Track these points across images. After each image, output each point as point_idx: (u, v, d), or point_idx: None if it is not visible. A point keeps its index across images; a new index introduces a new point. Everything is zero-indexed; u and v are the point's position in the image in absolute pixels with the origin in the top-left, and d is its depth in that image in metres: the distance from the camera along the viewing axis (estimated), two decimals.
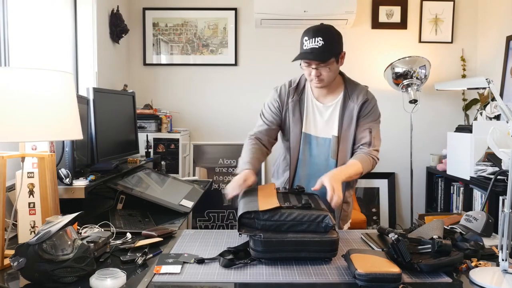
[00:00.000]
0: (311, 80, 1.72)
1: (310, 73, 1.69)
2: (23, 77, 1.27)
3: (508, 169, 1.31)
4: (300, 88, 1.82)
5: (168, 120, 3.31)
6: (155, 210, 2.01)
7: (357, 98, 1.77)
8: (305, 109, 1.80)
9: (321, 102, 1.81)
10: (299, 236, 1.31)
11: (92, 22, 2.84)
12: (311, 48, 1.63)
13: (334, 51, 1.66)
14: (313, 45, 1.63)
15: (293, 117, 1.79)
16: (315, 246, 1.30)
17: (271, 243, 1.29)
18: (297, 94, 1.81)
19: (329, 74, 1.69)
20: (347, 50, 3.61)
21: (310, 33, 1.65)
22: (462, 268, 1.27)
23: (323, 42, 1.62)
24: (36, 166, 1.48)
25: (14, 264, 1.13)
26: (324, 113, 1.80)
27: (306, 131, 1.80)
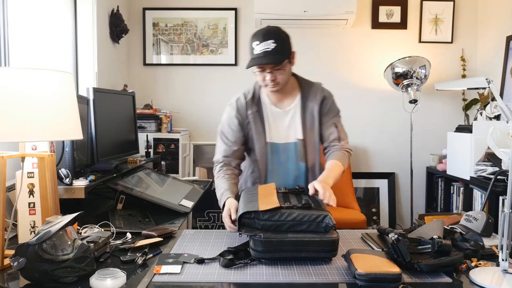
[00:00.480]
0: (266, 85, 1.67)
1: (265, 78, 1.64)
2: (23, 77, 1.27)
3: (508, 169, 1.31)
4: (256, 98, 1.76)
5: (168, 120, 3.31)
6: (155, 210, 2.01)
7: (315, 97, 1.75)
8: (265, 118, 1.75)
9: (279, 108, 1.76)
10: (299, 236, 1.31)
11: (92, 22, 2.84)
12: (264, 52, 1.57)
13: (287, 52, 1.63)
14: (265, 48, 1.57)
15: (256, 129, 1.74)
16: (315, 246, 1.30)
17: (271, 243, 1.29)
18: (254, 105, 1.75)
19: (284, 77, 1.65)
20: (347, 50, 3.65)
21: (259, 36, 1.59)
22: (462, 268, 1.27)
23: (275, 44, 1.58)
24: (36, 166, 1.48)
25: (14, 264, 1.13)
26: (285, 118, 1.76)
27: (271, 140, 1.76)
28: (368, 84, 3.69)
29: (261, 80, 1.67)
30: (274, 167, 1.78)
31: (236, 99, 1.78)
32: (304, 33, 3.64)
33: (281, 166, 1.78)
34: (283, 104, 1.77)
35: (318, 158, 1.78)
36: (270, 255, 1.30)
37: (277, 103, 1.77)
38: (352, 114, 3.68)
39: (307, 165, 1.77)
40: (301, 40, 3.66)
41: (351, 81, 3.68)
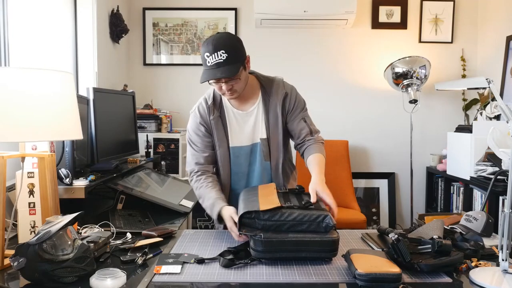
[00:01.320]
0: (223, 94, 1.64)
1: (221, 87, 1.61)
2: (23, 77, 1.27)
3: (508, 169, 1.31)
4: (217, 102, 1.73)
5: (168, 120, 3.31)
6: (155, 210, 2.01)
7: (277, 95, 1.71)
8: (227, 122, 1.72)
9: (241, 110, 1.73)
10: (299, 236, 1.31)
11: (92, 22, 2.84)
12: (216, 64, 1.53)
13: (240, 60, 1.57)
14: (218, 60, 1.52)
15: (218, 134, 1.71)
16: (316, 246, 1.30)
17: (272, 243, 1.29)
18: (216, 110, 1.71)
19: (240, 84, 1.61)
20: (347, 50, 3.65)
21: (210, 47, 1.53)
22: (462, 268, 1.27)
23: (227, 54, 1.51)
24: (36, 166, 1.48)
25: (14, 264, 1.13)
26: (248, 120, 1.73)
27: (233, 145, 1.73)
28: (368, 84, 3.69)
29: (218, 89, 1.64)
30: (240, 169, 1.76)
31: (198, 105, 1.75)
32: (304, 33, 3.64)
33: (246, 168, 1.76)
34: (246, 106, 1.74)
35: (282, 156, 1.75)
36: (271, 255, 1.30)
37: (239, 106, 1.74)
38: (352, 114, 3.68)
39: (271, 163, 1.74)
40: (301, 40, 3.66)
41: (351, 81, 3.68)
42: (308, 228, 1.33)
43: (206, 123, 1.72)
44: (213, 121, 1.71)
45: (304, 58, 3.67)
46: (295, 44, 3.66)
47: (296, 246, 1.30)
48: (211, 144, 1.73)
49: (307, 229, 1.33)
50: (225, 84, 1.59)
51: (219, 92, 1.66)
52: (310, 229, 1.33)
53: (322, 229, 1.33)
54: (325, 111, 3.67)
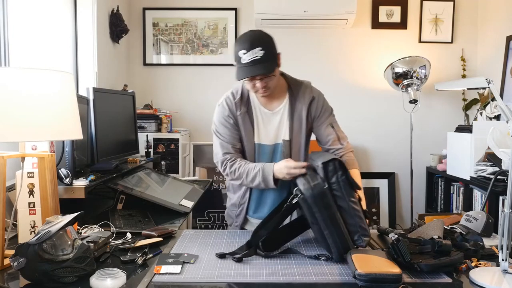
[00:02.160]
0: (256, 91, 1.64)
1: (255, 85, 1.61)
2: (23, 77, 1.27)
3: (508, 169, 1.31)
4: (245, 98, 1.74)
5: (168, 120, 3.31)
6: (155, 210, 2.01)
7: (303, 98, 1.73)
8: (254, 119, 1.73)
9: (268, 109, 1.75)
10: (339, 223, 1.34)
11: (92, 22, 2.84)
12: (253, 61, 1.53)
13: (274, 57, 1.59)
14: (254, 57, 1.53)
15: (245, 129, 1.72)
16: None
17: (324, 194, 1.32)
18: (243, 106, 1.72)
19: (274, 81, 1.63)
20: (347, 50, 3.66)
21: (246, 44, 1.55)
22: (462, 268, 1.27)
23: (263, 51, 1.53)
24: (36, 166, 1.48)
25: (14, 264, 1.13)
26: (273, 120, 1.74)
27: (259, 142, 1.74)
28: (368, 84, 3.69)
29: (251, 87, 1.64)
30: None
31: (225, 98, 1.76)
32: (304, 33, 3.64)
33: None
34: (272, 105, 1.75)
35: (302, 159, 1.75)
36: (313, 207, 1.32)
37: (266, 104, 1.75)
38: (352, 114, 3.68)
39: None
40: (301, 40, 3.66)
41: (351, 81, 3.68)
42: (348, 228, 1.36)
43: (234, 116, 1.73)
44: (240, 116, 1.72)
45: (304, 58, 3.67)
46: (295, 44, 3.66)
47: (332, 224, 1.32)
48: (238, 136, 1.74)
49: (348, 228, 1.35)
50: (259, 81, 1.59)
51: (252, 89, 1.66)
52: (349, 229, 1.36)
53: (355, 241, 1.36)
54: None
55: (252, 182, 1.64)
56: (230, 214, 1.87)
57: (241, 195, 1.80)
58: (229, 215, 1.88)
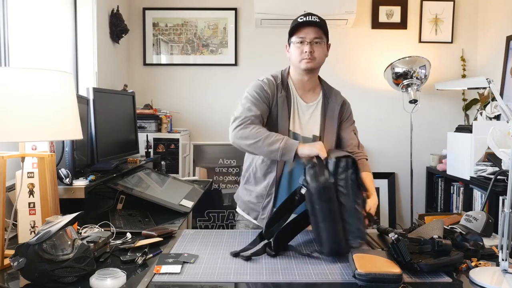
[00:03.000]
0: (302, 58, 1.66)
1: (303, 50, 1.65)
2: (23, 77, 1.27)
3: (508, 169, 1.31)
4: (285, 83, 1.75)
5: (168, 120, 3.31)
6: (155, 210, 2.01)
7: (336, 99, 1.79)
8: (292, 106, 1.74)
9: (303, 100, 1.77)
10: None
11: (92, 22, 2.84)
12: (308, 22, 1.64)
13: (327, 33, 1.70)
14: (310, 19, 1.64)
15: (282, 113, 1.70)
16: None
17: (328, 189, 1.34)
18: (284, 90, 1.73)
19: (320, 53, 1.69)
20: (347, 50, 3.66)
21: (304, 14, 1.67)
22: (462, 268, 1.27)
23: (319, 20, 1.67)
24: (36, 166, 1.48)
25: (14, 264, 1.13)
26: (306, 112, 1.76)
27: (294, 130, 1.73)
28: (368, 84, 3.69)
29: (298, 53, 1.67)
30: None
31: (266, 77, 1.75)
32: None
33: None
34: (307, 97, 1.78)
35: None
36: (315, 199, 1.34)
37: (302, 95, 1.77)
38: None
39: None
40: None
41: (351, 81, 3.68)
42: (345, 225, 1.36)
43: (272, 94, 1.70)
44: (281, 98, 1.71)
45: None
46: None
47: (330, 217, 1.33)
48: (266, 111, 1.69)
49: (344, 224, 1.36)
50: (308, 45, 1.65)
51: (298, 57, 1.68)
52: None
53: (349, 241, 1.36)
54: None
55: (270, 145, 1.56)
56: (254, 207, 1.78)
57: (268, 185, 1.72)
58: (253, 208, 1.79)
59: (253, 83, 1.75)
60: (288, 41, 1.73)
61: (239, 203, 1.88)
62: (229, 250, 1.42)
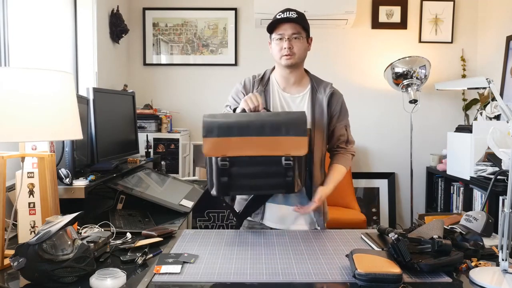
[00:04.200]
0: (282, 55, 1.68)
1: (282, 47, 1.67)
2: (23, 77, 1.27)
3: (508, 169, 1.31)
4: (265, 79, 1.77)
5: (168, 120, 3.31)
6: (155, 210, 2.01)
7: (324, 91, 1.77)
8: (270, 100, 1.74)
9: (288, 92, 1.76)
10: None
11: (92, 22, 2.84)
12: (286, 18, 1.65)
13: (306, 28, 1.70)
14: (288, 15, 1.66)
15: None
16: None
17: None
18: (261, 85, 1.75)
19: (300, 48, 1.68)
20: (347, 50, 3.65)
21: (283, 10, 1.69)
22: (462, 268, 1.27)
23: (297, 15, 1.67)
24: (36, 166, 1.48)
25: (14, 264, 1.13)
26: (291, 104, 1.75)
27: None
28: (368, 84, 3.69)
29: (278, 50, 1.69)
30: None
31: (246, 78, 1.81)
32: None
33: None
34: (291, 91, 1.77)
35: (324, 149, 1.78)
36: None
37: (286, 89, 1.77)
38: (352, 114, 3.62)
39: (314, 155, 1.71)
40: None
41: (351, 81, 3.68)
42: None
43: (247, 93, 1.75)
44: (256, 93, 1.72)
45: None
46: None
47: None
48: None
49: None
50: (287, 41, 1.66)
51: (278, 53, 1.70)
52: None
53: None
54: None
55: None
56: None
57: None
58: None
59: (235, 85, 1.83)
60: (270, 38, 1.75)
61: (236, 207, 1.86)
62: (229, 250, 1.42)
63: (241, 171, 1.48)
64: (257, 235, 1.60)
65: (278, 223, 1.75)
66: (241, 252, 1.42)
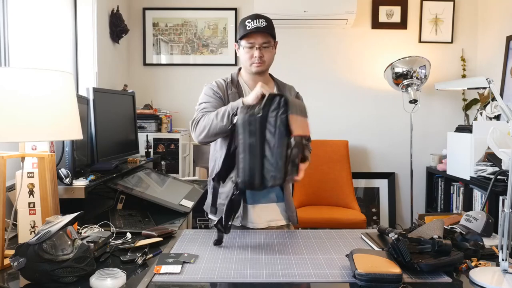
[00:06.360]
0: (252, 62, 1.73)
1: (253, 55, 1.71)
2: (23, 77, 1.27)
3: (508, 169, 1.31)
4: (235, 82, 1.81)
5: (168, 120, 3.31)
6: (155, 210, 2.01)
7: (290, 92, 1.85)
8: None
9: None
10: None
11: (92, 22, 2.84)
12: (256, 28, 1.68)
13: (274, 35, 1.75)
14: (258, 24, 1.69)
15: None
16: None
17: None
18: (234, 87, 1.80)
19: (270, 56, 1.75)
20: (347, 50, 3.66)
21: (251, 17, 1.71)
22: (462, 268, 1.27)
23: (266, 23, 1.71)
24: (36, 166, 1.48)
25: (14, 264, 1.13)
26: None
27: None
28: (368, 84, 3.69)
29: (249, 57, 1.73)
30: None
31: (215, 80, 1.82)
32: (304, 33, 3.64)
33: None
34: None
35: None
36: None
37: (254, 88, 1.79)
38: (352, 114, 3.68)
39: None
40: (301, 40, 3.66)
41: (351, 81, 3.69)
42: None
43: (222, 94, 1.78)
44: (231, 95, 1.77)
45: (304, 58, 3.67)
46: (295, 44, 3.66)
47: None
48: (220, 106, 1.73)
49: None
50: (258, 50, 1.71)
51: (248, 61, 1.74)
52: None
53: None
54: (325, 111, 3.68)
55: (222, 117, 1.61)
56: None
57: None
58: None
59: (203, 90, 1.83)
60: (237, 41, 1.78)
61: (210, 210, 1.85)
62: (229, 250, 1.42)
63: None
64: (257, 235, 1.61)
65: (259, 223, 1.77)
66: (241, 252, 1.42)
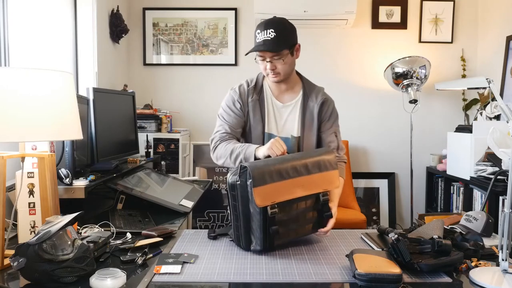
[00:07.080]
0: (267, 74, 1.69)
1: (266, 67, 1.67)
2: (23, 77, 1.27)
3: (508, 169, 1.31)
4: (258, 87, 1.77)
5: (168, 120, 3.31)
6: (155, 210, 2.01)
7: (316, 98, 1.75)
8: (265, 108, 1.75)
9: (280, 101, 1.76)
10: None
11: (92, 22, 2.84)
12: (264, 40, 1.61)
13: (287, 42, 1.64)
14: (265, 37, 1.61)
15: (254, 117, 1.73)
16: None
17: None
18: (256, 94, 1.75)
19: (284, 67, 1.66)
20: (347, 50, 3.66)
21: (262, 26, 1.63)
22: (462, 268, 1.27)
23: (275, 33, 1.60)
24: (36, 166, 1.48)
25: (14, 264, 1.13)
26: (283, 113, 1.75)
27: (269, 131, 1.74)
28: (368, 84, 3.69)
29: (263, 69, 1.69)
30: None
31: (239, 85, 1.79)
32: (304, 33, 3.64)
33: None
34: (284, 98, 1.77)
35: None
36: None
37: (278, 97, 1.77)
38: (352, 114, 3.68)
39: None
40: (301, 40, 3.61)
41: (351, 81, 3.68)
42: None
43: (243, 102, 1.75)
44: (252, 103, 1.74)
45: (304, 58, 3.65)
46: None
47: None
48: (240, 123, 1.75)
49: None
50: (269, 63, 1.65)
51: (264, 72, 1.71)
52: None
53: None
54: None
55: (235, 160, 1.63)
56: None
57: None
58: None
59: (227, 94, 1.81)
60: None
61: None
62: (229, 250, 1.43)
63: (285, 217, 1.42)
64: None
65: None
66: (241, 252, 1.42)
